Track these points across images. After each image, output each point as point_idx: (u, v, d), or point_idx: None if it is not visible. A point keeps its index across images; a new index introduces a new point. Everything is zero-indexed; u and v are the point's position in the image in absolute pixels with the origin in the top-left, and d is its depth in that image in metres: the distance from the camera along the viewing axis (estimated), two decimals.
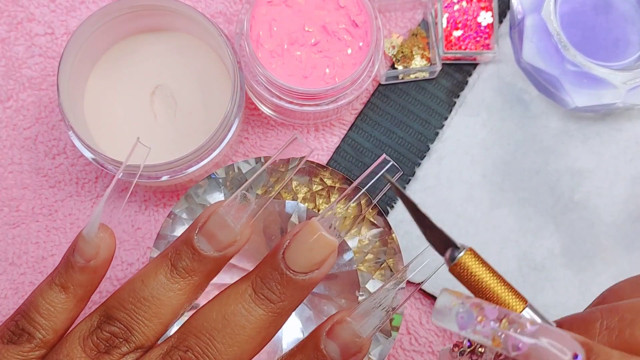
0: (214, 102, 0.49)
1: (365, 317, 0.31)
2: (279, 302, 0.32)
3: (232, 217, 0.32)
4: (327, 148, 0.53)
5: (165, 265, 0.32)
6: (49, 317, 0.33)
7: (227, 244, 0.32)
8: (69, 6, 0.53)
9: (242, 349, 0.31)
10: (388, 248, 0.46)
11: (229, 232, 0.32)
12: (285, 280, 0.32)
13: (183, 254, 0.32)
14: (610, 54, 0.50)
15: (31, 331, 0.32)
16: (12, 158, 0.52)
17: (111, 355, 0.31)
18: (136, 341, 0.32)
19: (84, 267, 0.33)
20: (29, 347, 0.32)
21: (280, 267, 0.32)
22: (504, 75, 0.52)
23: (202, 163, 0.46)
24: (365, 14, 0.48)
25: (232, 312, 0.31)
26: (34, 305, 0.33)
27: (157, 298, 0.32)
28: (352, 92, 0.48)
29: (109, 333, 0.32)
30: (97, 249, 0.33)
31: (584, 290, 0.50)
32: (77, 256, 0.33)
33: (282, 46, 0.47)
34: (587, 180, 0.51)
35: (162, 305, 0.32)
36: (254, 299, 0.32)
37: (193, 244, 0.32)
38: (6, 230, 0.51)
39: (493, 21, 0.52)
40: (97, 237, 0.33)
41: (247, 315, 0.31)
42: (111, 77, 0.50)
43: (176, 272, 0.32)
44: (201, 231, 0.32)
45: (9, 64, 0.53)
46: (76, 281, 0.33)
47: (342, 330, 0.31)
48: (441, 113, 0.52)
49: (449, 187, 0.51)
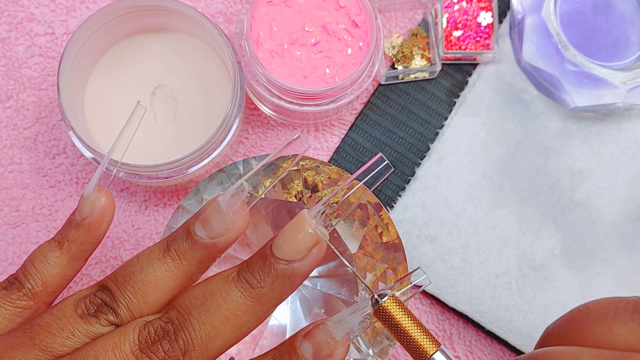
0: (214, 102, 0.49)
1: (341, 321, 0.32)
2: (257, 287, 0.32)
3: (226, 205, 0.33)
4: (327, 148, 0.53)
5: (159, 246, 0.34)
6: (40, 269, 0.36)
7: (218, 232, 0.33)
8: (69, 6, 0.53)
9: (215, 329, 0.32)
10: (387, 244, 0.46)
11: (221, 218, 0.33)
12: (267, 266, 0.32)
13: (178, 237, 0.34)
14: (610, 54, 0.50)
15: (22, 280, 0.35)
16: (12, 158, 0.52)
17: (98, 318, 0.33)
18: (120, 313, 0.33)
19: (78, 223, 0.36)
20: (17, 295, 0.35)
21: (265, 253, 0.32)
22: (504, 75, 0.52)
23: (203, 163, 0.46)
24: (365, 14, 0.48)
25: (212, 291, 0.32)
26: (30, 258, 0.36)
27: (143, 275, 0.33)
28: (352, 92, 0.48)
29: (100, 299, 0.33)
30: (92, 207, 0.36)
31: (584, 291, 0.50)
32: (77, 214, 0.36)
33: (282, 46, 0.47)
34: (587, 181, 0.51)
35: (147, 283, 0.33)
36: (234, 281, 0.32)
37: (190, 229, 0.33)
38: (6, 230, 0.51)
39: (493, 21, 0.52)
40: (94, 195, 0.36)
41: (225, 295, 0.32)
42: (111, 77, 0.50)
43: (168, 253, 0.33)
44: (199, 217, 0.33)
45: (9, 64, 0.53)
46: (71, 237, 0.36)
47: (318, 331, 0.32)
48: (441, 113, 0.52)
49: (449, 187, 0.51)
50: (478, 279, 0.50)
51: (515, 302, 0.50)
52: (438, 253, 0.50)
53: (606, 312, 0.33)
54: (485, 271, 0.50)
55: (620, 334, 0.32)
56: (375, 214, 0.44)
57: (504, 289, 0.50)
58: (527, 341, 0.50)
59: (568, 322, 0.34)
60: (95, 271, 0.51)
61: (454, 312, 0.51)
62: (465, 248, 0.50)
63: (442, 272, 0.50)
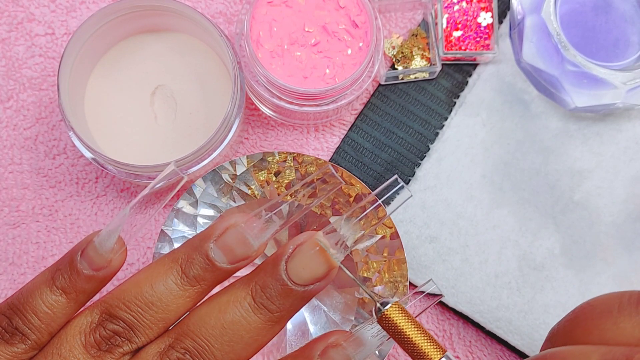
0: (214, 103, 0.49)
1: (361, 345, 0.32)
2: (277, 312, 0.32)
3: (253, 235, 0.32)
4: (327, 148, 0.53)
5: (175, 272, 0.32)
6: (46, 320, 0.32)
7: (242, 258, 0.32)
8: (69, 6, 0.53)
9: (238, 355, 0.32)
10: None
11: (248, 248, 0.32)
12: (286, 292, 0.32)
13: (196, 262, 0.32)
14: (610, 54, 0.50)
15: (26, 332, 0.32)
16: (12, 158, 0.52)
17: (112, 354, 0.31)
18: (138, 342, 0.32)
19: (90, 276, 0.32)
20: (22, 349, 0.32)
21: (281, 277, 0.32)
22: (504, 75, 0.52)
23: (203, 163, 0.46)
24: (365, 14, 0.48)
25: (231, 321, 0.31)
26: (30, 306, 0.32)
27: (165, 303, 0.32)
28: (352, 92, 0.48)
29: (111, 332, 0.31)
30: (108, 262, 0.32)
31: (584, 290, 0.50)
32: (84, 263, 0.32)
33: (282, 46, 0.47)
34: (587, 181, 0.51)
35: (169, 311, 0.32)
36: (252, 308, 0.32)
37: (208, 253, 0.32)
38: (6, 230, 0.51)
39: (493, 21, 0.52)
40: (112, 250, 0.32)
41: (246, 324, 0.31)
42: (111, 78, 0.50)
43: (187, 279, 0.32)
44: (218, 242, 0.32)
45: (9, 64, 0.53)
46: (80, 288, 0.32)
47: (335, 353, 0.32)
48: (441, 113, 0.52)
49: (449, 187, 0.51)
50: (478, 279, 0.50)
51: (515, 302, 0.50)
52: (438, 253, 0.50)
53: (610, 308, 0.32)
54: (485, 271, 0.50)
55: (627, 328, 0.31)
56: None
57: (504, 289, 0.50)
58: (527, 341, 0.50)
59: (573, 321, 0.33)
60: None
61: (454, 312, 0.51)
62: (465, 248, 0.50)
63: (442, 272, 0.50)
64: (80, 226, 0.52)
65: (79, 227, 0.52)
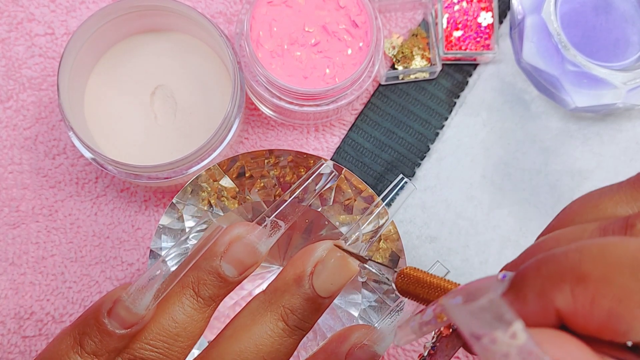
0: (214, 103, 0.49)
1: (383, 339, 0.33)
2: (310, 327, 0.33)
3: (261, 243, 0.33)
4: (327, 148, 0.53)
5: (189, 297, 0.32)
6: None
7: (251, 265, 0.33)
8: (69, 6, 0.53)
9: None
10: None
11: (257, 256, 0.33)
12: (316, 308, 0.32)
13: (208, 282, 0.32)
14: (610, 54, 0.50)
15: None
16: (12, 158, 0.52)
17: None
18: None
19: (123, 335, 0.30)
20: None
21: (310, 296, 0.32)
22: (504, 75, 0.52)
23: (203, 163, 0.46)
24: (366, 14, 0.48)
25: (269, 351, 0.32)
26: None
27: (189, 332, 0.32)
28: (352, 92, 0.48)
29: None
30: (142, 317, 0.30)
31: None
32: (115, 323, 0.30)
33: (282, 46, 0.47)
34: (587, 181, 0.51)
35: (193, 336, 0.32)
36: (288, 333, 0.32)
37: (219, 271, 0.32)
38: (6, 230, 0.51)
39: (493, 21, 0.52)
40: (147, 310, 0.30)
41: (284, 350, 0.32)
42: (111, 78, 0.50)
43: (203, 301, 0.32)
44: (226, 258, 0.32)
45: (9, 64, 0.53)
46: (112, 348, 0.30)
47: (362, 353, 0.32)
48: (441, 113, 0.52)
49: (449, 187, 0.51)
50: None
51: None
52: (438, 253, 0.50)
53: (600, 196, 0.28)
54: (485, 271, 0.50)
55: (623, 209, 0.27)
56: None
57: None
58: None
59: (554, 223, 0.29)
60: (95, 271, 0.51)
61: None
62: (465, 248, 0.50)
63: (442, 272, 0.50)
64: (80, 226, 0.52)
65: (79, 227, 0.52)
